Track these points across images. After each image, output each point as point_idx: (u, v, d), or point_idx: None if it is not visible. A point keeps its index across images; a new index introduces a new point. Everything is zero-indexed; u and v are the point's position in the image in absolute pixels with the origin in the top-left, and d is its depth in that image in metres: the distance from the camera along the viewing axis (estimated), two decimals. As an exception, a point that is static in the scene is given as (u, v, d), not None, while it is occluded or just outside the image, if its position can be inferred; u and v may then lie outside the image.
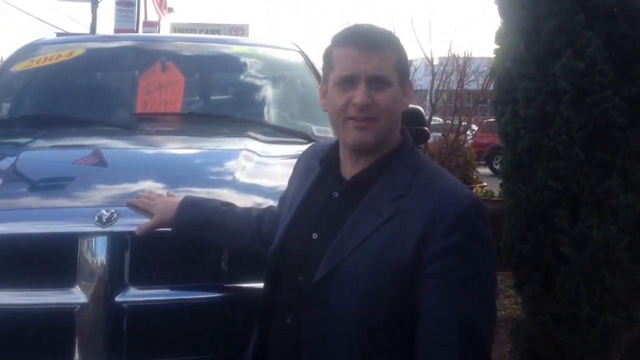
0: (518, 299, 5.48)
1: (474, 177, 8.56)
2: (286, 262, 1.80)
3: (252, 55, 4.27)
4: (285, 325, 1.75)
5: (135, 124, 3.37)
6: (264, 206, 2.20)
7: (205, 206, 2.14)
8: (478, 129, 11.86)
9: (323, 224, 1.73)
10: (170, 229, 2.11)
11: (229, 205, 2.16)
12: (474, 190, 7.98)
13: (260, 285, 1.93)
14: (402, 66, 1.75)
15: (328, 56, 1.77)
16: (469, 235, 1.58)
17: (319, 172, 1.85)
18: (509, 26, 3.39)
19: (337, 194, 1.76)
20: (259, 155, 2.85)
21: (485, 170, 15.69)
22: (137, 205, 2.18)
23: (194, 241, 2.13)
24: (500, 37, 3.47)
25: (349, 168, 1.76)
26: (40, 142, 2.97)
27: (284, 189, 2.06)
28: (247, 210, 2.15)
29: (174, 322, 2.15)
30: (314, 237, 1.73)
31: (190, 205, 2.12)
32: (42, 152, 2.94)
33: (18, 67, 3.87)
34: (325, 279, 1.64)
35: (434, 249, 1.56)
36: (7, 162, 2.62)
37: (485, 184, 7.96)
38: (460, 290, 1.56)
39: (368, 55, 1.67)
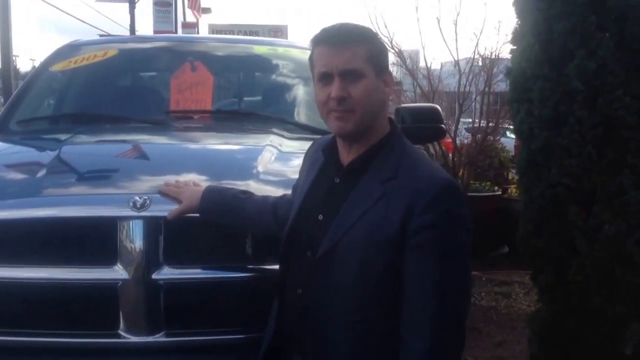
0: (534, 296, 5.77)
1: (509, 177, 8.78)
2: (297, 241, 2.11)
3: (277, 55, 4.61)
4: (296, 296, 2.08)
5: (167, 121, 3.74)
6: (280, 194, 2.53)
7: (226, 194, 2.49)
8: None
9: (327, 206, 2.03)
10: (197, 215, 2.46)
11: (247, 194, 2.51)
12: (508, 191, 8.21)
13: (278, 266, 2.27)
14: (376, 58, 2.00)
15: (310, 58, 2.07)
16: (444, 213, 1.87)
17: (323, 162, 2.16)
18: (525, 27, 3.62)
19: (337, 180, 2.07)
20: (281, 150, 3.18)
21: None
22: (166, 192, 2.53)
23: (218, 225, 2.47)
24: (516, 38, 3.71)
25: (345, 155, 2.06)
26: (79, 138, 3.36)
27: (296, 179, 2.39)
28: (264, 198, 2.48)
29: (203, 297, 2.51)
30: (319, 218, 2.04)
31: (213, 193, 2.47)
32: (82, 146, 3.33)
33: (57, 67, 4.26)
34: (327, 254, 1.95)
35: (414, 225, 1.85)
36: (51, 155, 3.00)
37: (519, 184, 8.16)
38: (436, 262, 1.85)
39: (338, 51, 1.95)
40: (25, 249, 2.49)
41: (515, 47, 3.74)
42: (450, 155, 7.19)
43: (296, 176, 2.44)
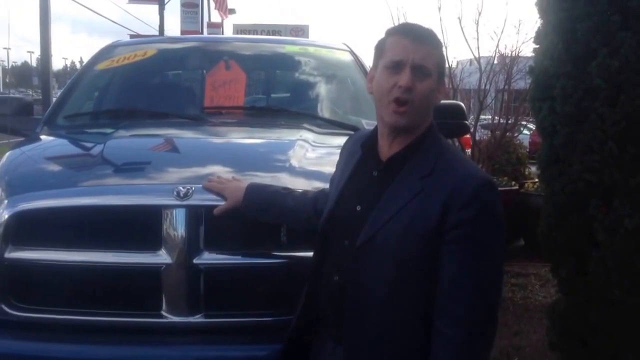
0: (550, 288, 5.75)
1: (526, 173, 8.74)
2: (335, 230, 2.12)
3: (306, 54, 4.63)
4: (333, 282, 2.09)
5: (204, 117, 3.77)
6: (315, 188, 2.55)
7: (267, 191, 2.51)
8: (535, 129, 11.88)
9: (365, 198, 2.04)
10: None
11: (287, 190, 2.52)
12: (525, 186, 8.17)
13: (311, 254, 2.29)
14: (441, 66, 2.05)
15: (381, 45, 2.05)
16: (482, 210, 1.87)
17: (361, 156, 2.16)
18: (548, 27, 3.59)
19: (376, 173, 2.06)
20: (312, 144, 3.19)
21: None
22: (210, 188, 2.55)
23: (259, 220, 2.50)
24: (539, 37, 3.68)
25: (385, 150, 2.06)
26: (123, 132, 3.40)
27: (333, 172, 2.40)
28: (304, 193, 2.50)
29: (240, 281, 2.55)
30: (357, 209, 2.04)
31: (255, 190, 2.50)
32: (126, 140, 3.37)
33: (101, 66, 4.32)
34: (365, 244, 1.96)
35: (453, 220, 1.86)
36: (98, 148, 3.05)
37: (536, 180, 8.13)
38: (473, 256, 1.87)
39: (417, 46, 1.96)
40: (77, 234, 2.55)
41: (538, 46, 3.71)
42: (468, 150, 7.15)
43: (326, 169, 2.47)
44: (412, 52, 1.95)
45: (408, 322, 1.94)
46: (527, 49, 6.27)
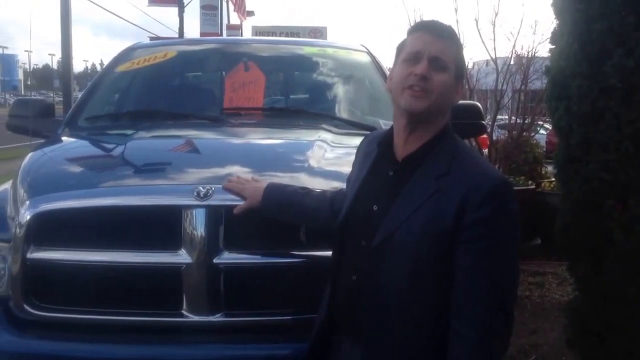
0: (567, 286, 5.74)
1: (542, 172, 8.72)
2: (352, 230, 2.13)
3: (325, 55, 4.65)
4: (350, 282, 2.09)
5: (223, 118, 3.80)
6: (333, 188, 2.56)
7: (286, 191, 2.53)
8: (552, 128, 11.83)
9: (381, 198, 2.04)
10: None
11: (305, 189, 2.53)
12: (542, 185, 8.16)
13: (330, 253, 2.30)
14: (459, 64, 2.04)
15: (401, 44, 2.07)
16: (498, 209, 1.87)
17: (377, 155, 2.16)
18: (564, 27, 3.59)
19: (391, 173, 2.06)
20: (330, 145, 3.21)
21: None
22: (230, 188, 2.57)
23: (278, 220, 2.51)
24: (555, 38, 3.69)
25: (400, 149, 2.06)
26: (144, 133, 3.44)
27: (350, 172, 2.41)
28: (322, 193, 2.51)
29: (259, 281, 2.56)
30: (374, 209, 2.04)
31: (274, 190, 2.52)
32: (147, 141, 3.41)
33: (121, 68, 4.37)
34: (381, 245, 1.96)
35: (468, 220, 1.86)
36: (118, 149, 3.09)
37: (553, 179, 8.12)
38: (489, 255, 1.86)
39: (435, 40, 1.98)
40: (98, 234, 2.57)
41: (554, 47, 3.72)
42: (485, 150, 7.15)
43: (344, 169, 2.47)
44: (430, 44, 1.96)
45: (425, 321, 1.95)
46: (543, 50, 6.26)
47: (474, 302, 1.87)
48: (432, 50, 1.95)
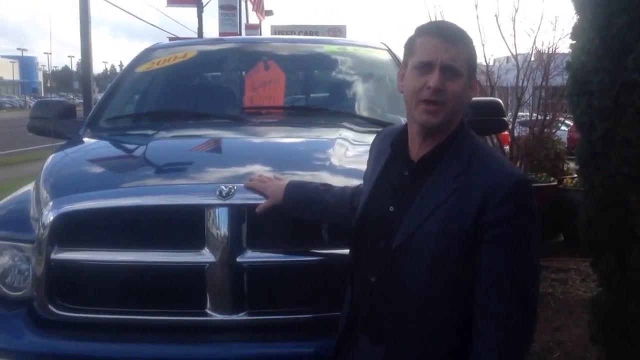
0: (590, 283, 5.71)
1: (564, 168, 8.68)
2: (369, 230, 2.11)
3: (345, 53, 4.66)
4: (370, 283, 2.08)
5: (244, 117, 3.83)
6: (355, 185, 2.54)
7: (307, 188, 2.54)
8: (573, 125, 11.78)
9: (397, 198, 2.02)
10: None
11: (326, 186, 2.55)
12: (564, 182, 8.12)
13: None
14: (472, 63, 2.02)
15: (410, 44, 2.03)
16: (519, 207, 1.87)
17: (390, 154, 2.14)
18: (585, 22, 3.57)
19: (407, 173, 2.05)
20: (351, 143, 3.22)
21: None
22: (252, 187, 2.59)
23: (301, 217, 2.53)
24: (576, 33, 3.67)
25: (416, 150, 2.04)
26: (165, 133, 3.47)
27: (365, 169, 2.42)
28: (343, 189, 2.51)
29: (282, 279, 2.57)
30: (390, 209, 2.03)
31: (295, 188, 2.53)
32: (168, 141, 3.44)
33: (141, 68, 4.41)
34: (401, 245, 1.95)
35: (490, 218, 1.86)
36: (140, 149, 3.12)
37: (575, 175, 8.09)
38: (511, 253, 1.86)
39: (446, 46, 1.94)
40: (121, 234, 2.60)
41: (574, 42, 3.70)
42: (506, 147, 7.13)
43: (366, 167, 2.47)
44: (441, 52, 1.93)
45: (448, 321, 1.95)
46: (564, 45, 6.23)
47: (499, 301, 1.87)
48: (444, 58, 1.93)
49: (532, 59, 6.71)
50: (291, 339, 2.57)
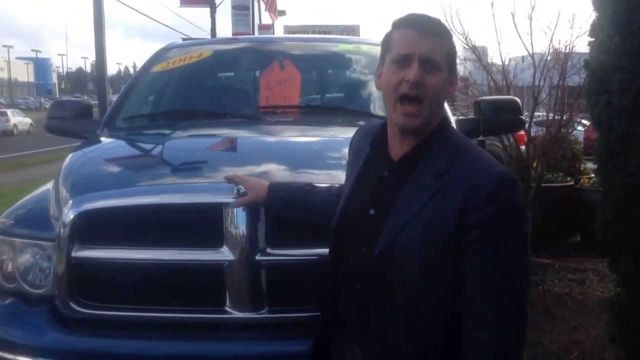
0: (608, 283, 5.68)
1: (581, 168, 8.65)
2: (350, 234, 2.04)
3: (360, 52, 4.67)
4: (355, 291, 2.00)
5: (259, 116, 3.84)
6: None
7: (291, 187, 2.48)
8: (590, 124, 11.73)
9: (378, 201, 1.95)
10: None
11: (310, 186, 2.50)
12: (581, 181, 8.09)
13: None
14: (451, 57, 1.92)
15: (387, 39, 1.94)
16: (503, 206, 1.80)
17: (369, 152, 2.06)
18: (604, 20, 3.55)
19: (386, 173, 1.97)
20: None
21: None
22: (231, 179, 2.52)
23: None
24: (594, 31, 3.65)
25: (396, 148, 1.96)
26: (181, 132, 3.49)
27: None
28: (328, 188, 2.46)
29: (303, 277, 2.57)
30: (371, 212, 1.95)
31: (279, 186, 2.47)
32: (185, 140, 3.47)
33: (157, 68, 4.43)
34: (383, 252, 1.87)
35: (474, 218, 1.78)
36: (157, 148, 3.15)
37: (592, 175, 8.06)
38: (498, 255, 1.79)
39: (424, 38, 1.85)
40: (140, 233, 2.62)
41: (593, 40, 3.68)
42: (523, 147, 7.10)
43: None
44: (419, 44, 1.85)
45: (438, 326, 1.88)
46: (581, 44, 6.19)
47: (489, 305, 1.81)
48: (423, 50, 1.85)
49: (549, 57, 6.67)
50: (311, 336, 2.57)
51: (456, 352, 1.86)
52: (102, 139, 3.76)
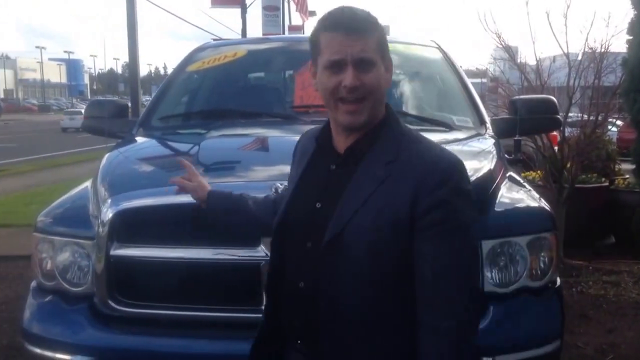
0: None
1: (616, 169, 8.52)
2: (293, 230, 1.94)
3: (395, 51, 4.60)
4: (298, 289, 1.88)
5: (294, 116, 3.84)
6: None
7: (232, 196, 2.36)
8: (623, 125, 11.56)
9: (325, 194, 1.86)
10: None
11: (249, 196, 2.36)
12: (616, 183, 7.97)
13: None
14: (382, 46, 1.84)
15: (315, 40, 1.85)
16: (452, 191, 1.75)
17: (315, 149, 1.98)
18: (643, 18, 3.52)
19: (334, 167, 1.89)
20: None
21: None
22: (175, 181, 2.41)
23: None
24: (633, 29, 3.61)
25: (342, 142, 1.88)
26: (216, 132, 3.51)
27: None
28: (266, 197, 2.37)
29: None
30: (317, 206, 1.86)
31: (219, 193, 2.37)
32: (220, 140, 3.48)
33: (191, 68, 4.46)
34: (332, 243, 1.78)
35: (425, 204, 1.72)
36: (193, 148, 3.16)
37: (627, 176, 7.95)
38: (450, 240, 1.74)
39: (353, 39, 1.77)
40: (177, 231, 2.63)
41: (631, 38, 3.64)
42: (556, 147, 7.02)
43: None
44: (349, 47, 1.77)
45: (390, 321, 1.81)
46: (617, 43, 6.09)
47: (440, 291, 1.74)
48: (354, 52, 1.77)
49: (584, 56, 6.58)
50: None
51: (411, 350, 1.77)
52: (138, 138, 3.80)
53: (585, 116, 6.85)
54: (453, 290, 1.74)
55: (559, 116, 4.02)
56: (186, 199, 2.64)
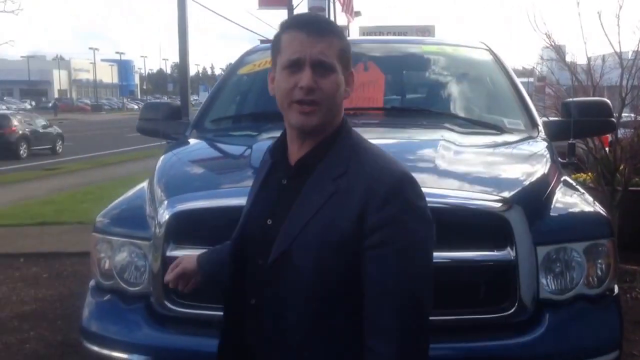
0: None
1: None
2: (247, 249, 1.89)
3: (444, 54, 4.61)
4: (250, 306, 1.85)
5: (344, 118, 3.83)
6: (461, 188, 2.52)
7: (219, 250, 2.24)
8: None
9: (276, 210, 1.81)
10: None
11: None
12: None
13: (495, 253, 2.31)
14: (344, 56, 1.80)
15: (276, 42, 1.82)
16: (401, 208, 1.67)
17: (271, 163, 1.92)
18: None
19: (285, 181, 1.84)
20: (455, 144, 3.16)
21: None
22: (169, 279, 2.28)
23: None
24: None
25: (295, 154, 1.83)
26: (268, 134, 3.52)
27: (479, 175, 2.34)
28: None
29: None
30: (268, 222, 1.81)
31: (206, 254, 2.29)
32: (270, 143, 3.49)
33: (242, 71, 4.51)
34: (277, 260, 1.73)
35: (370, 223, 1.65)
36: (246, 150, 3.19)
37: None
38: (396, 260, 1.65)
39: (314, 40, 1.73)
40: (231, 233, 2.61)
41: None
42: (607, 149, 6.89)
43: (472, 170, 2.39)
44: (309, 47, 1.73)
45: (337, 344, 1.74)
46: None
47: (386, 314, 1.65)
48: (313, 53, 1.73)
49: (638, 56, 6.44)
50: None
51: None
52: (192, 140, 3.84)
53: (639, 117, 6.72)
54: (397, 314, 1.65)
55: (613, 119, 3.94)
56: (238, 201, 2.66)
